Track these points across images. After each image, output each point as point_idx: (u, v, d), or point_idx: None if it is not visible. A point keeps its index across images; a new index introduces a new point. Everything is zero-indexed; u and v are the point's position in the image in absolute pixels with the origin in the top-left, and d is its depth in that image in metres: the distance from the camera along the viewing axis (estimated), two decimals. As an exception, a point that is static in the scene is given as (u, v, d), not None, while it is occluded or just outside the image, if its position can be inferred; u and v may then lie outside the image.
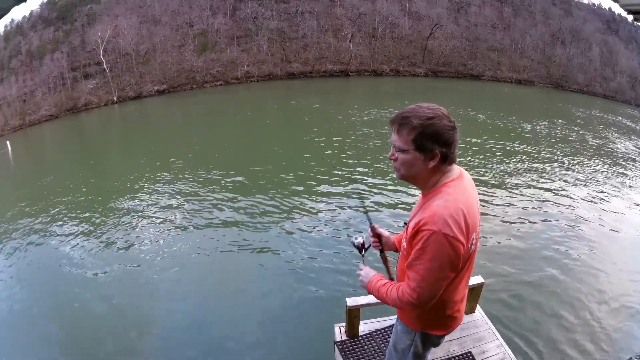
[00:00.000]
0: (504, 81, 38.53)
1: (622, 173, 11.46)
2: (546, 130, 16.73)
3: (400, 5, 42.56)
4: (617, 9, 41.87)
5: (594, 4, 46.34)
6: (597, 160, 12.57)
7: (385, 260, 1.83)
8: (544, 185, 9.76)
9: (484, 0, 44.18)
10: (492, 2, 44.42)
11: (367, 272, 1.72)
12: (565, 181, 10.20)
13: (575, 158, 12.64)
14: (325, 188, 9.58)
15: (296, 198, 9.02)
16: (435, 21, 41.54)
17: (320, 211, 8.22)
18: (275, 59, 39.40)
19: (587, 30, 41.40)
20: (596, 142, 15.34)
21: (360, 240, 1.84)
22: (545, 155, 12.64)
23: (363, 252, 1.84)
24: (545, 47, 40.93)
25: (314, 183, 9.97)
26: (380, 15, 40.86)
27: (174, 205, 9.20)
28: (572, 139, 15.62)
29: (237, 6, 41.29)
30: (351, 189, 9.45)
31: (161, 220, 8.44)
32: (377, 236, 1.86)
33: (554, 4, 44.66)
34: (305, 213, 8.19)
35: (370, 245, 1.85)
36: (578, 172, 11.12)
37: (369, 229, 1.87)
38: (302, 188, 9.68)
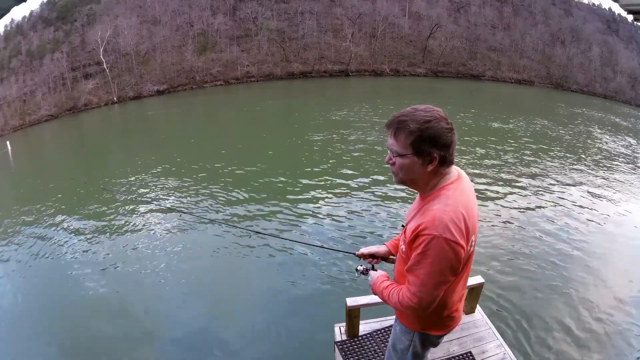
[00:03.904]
0: (504, 81, 38.53)
1: (621, 172, 11.46)
2: (544, 130, 16.73)
3: (400, 5, 42.55)
4: (617, 9, 42.03)
5: (594, 4, 46.32)
6: (599, 161, 12.57)
7: (393, 262, 1.87)
8: (543, 185, 9.75)
9: (484, 0, 44.13)
10: (492, 2, 44.37)
11: (374, 273, 1.77)
12: (564, 180, 10.19)
13: (576, 159, 12.63)
14: (323, 188, 9.59)
15: (295, 199, 9.04)
16: (435, 21, 41.53)
17: (320, 211, 8.23)
18: (275, 59, 39.41)
19: (587, 30, 41.36)
20: (594, 142, 15.35)
21: (361, 267, 1.88)
22: (544, 155, 12.63)
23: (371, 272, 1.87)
24: (545, 47, 40.90)
25: (312, 183, 9.97)
26: (380, 15, 40.86)
27: (175, 206, 9.21)
28: (570, 139, 15.63)
29: (237, 6, 41.29)
30: (351, 188, 9.46)
31: (163, 221, 8.45)
32: (370, 256, 1.90)
33: (554, 4, 44.60)
34: (305, 213, 8.20)
35: (372, 265, 1.88)
36: (578, 172, 11.11)
37: (357, 258, 1.94)
38: (300, 189, 9.69)
